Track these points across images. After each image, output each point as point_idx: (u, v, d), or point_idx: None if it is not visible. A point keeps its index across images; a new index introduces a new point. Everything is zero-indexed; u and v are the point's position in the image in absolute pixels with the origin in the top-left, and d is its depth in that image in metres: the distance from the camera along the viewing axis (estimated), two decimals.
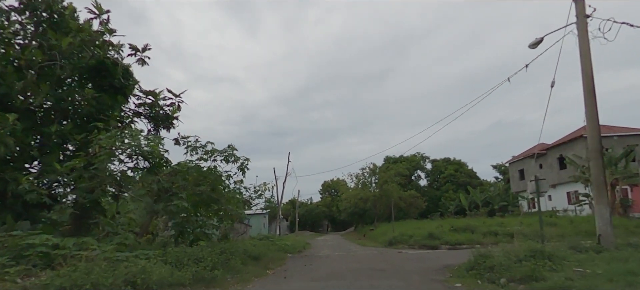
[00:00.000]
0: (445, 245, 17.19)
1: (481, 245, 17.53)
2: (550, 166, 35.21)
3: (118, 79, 13.12)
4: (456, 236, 18.01)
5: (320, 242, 27.81)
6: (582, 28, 10.63)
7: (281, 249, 16.40)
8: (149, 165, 10.30)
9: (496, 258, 7.59)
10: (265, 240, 18.37)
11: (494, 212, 37.25)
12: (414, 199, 36.32)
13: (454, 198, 45.29)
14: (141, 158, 10.40)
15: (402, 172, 39.30)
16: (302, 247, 19.37)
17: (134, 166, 10.44)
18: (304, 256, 15.12)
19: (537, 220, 22.76)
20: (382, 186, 32.34)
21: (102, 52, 12.72)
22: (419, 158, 54.95)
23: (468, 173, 50.34)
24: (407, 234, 19.83)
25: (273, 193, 20.06)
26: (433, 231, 18.74)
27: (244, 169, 11.96)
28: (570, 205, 31.32)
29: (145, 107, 14.33)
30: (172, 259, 7.96)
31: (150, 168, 10.30)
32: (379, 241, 22.96)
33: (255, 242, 16.48)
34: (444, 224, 21.78)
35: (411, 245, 18.30)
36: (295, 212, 43.76)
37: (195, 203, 11.86)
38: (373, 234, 28.88)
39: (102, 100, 12.71)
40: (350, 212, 41.44)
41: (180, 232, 12.34)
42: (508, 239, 17.81)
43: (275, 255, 13.21)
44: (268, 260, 11.83)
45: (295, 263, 12.27)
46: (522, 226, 18.97)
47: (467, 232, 18.86)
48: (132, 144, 9.36)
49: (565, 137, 33.74)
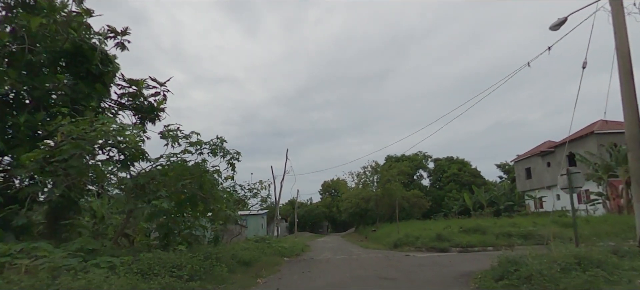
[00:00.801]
0: (456, 248, 15.90)
1: (494, 248, 16.29)
2: (559, 164, 33.80)
3: (96, 65, 11.83)
4: (466, 238, 16.72)
5: (320, 244, 26.49)
6: (617, 2, 9.37)
7: (277, 253, 15.09)
8: (124, 158, 8.98)
9: (532, 265, 6.28)
10: (261, 243, 17.06)
11: (499, 212, 35.94)
12: (418, 198, 34.98)
13: (458, 198, 44.00)
14: (115, 150, 9.10)
15: (405, 170, 37.94)
16: (300, 250, 18.06)
17: (108, 159, 9.13)
18: (302, 260, 13.81)
19: (551, 220, 21.53)
20: (384, 185, 30.98)
21: (76, 34, 11.42)
22: (421, 157, 53.62)
23: (472, 172, 49.01)
24: (413, 235, 18.53)
25: (270, 192, 18.71)
26: (441, 232, 17.44)
27: (233, 164, 10.64)
28: (581, 205, 30.02)
29: (128, 98, 13.08)
30: (145, 266, 6.67)
31: (125, 161, 8.98)
32: (382, 243, 21.65)
33: (249, 244, 15.17)
34: (451, 224, 20.49)
35: (418, 247, 16.99)
36: (294, 212, 42.43)
37: (180, 202, 10.57)
38: (375, 236, 27.56)
39: (78, 89, 11.43)
40: (351, 212, 40.08)
41: (165, 234, 11.09)
42: (522, 240, 16.55)
43: (270, 260, 11.89)
44: (261, 266, 10.51)
45: (292, 269, 10.96)
46: (537, 227, 17.68)
47: (478, 234, 17.58)
48: (102, 132, 8.04)
49: (575, 134, 32.40)
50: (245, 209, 19.78)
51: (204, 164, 10.49)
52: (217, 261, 8.54)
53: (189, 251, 8.83)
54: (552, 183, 34.80)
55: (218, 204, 10.64)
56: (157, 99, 13.37)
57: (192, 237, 12.41)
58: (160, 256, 7.31)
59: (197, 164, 10.34)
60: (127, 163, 8.98)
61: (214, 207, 10.60)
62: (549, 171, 35.29)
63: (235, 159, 10.66)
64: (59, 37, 11.27)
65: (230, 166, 10.75)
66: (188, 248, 10.85)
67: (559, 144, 34.20)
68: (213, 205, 10.69)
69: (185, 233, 12.19)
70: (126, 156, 8.97)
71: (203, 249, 9.57)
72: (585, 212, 27.39)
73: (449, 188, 47.57)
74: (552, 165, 35.01)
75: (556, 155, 34.32)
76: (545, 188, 35.41)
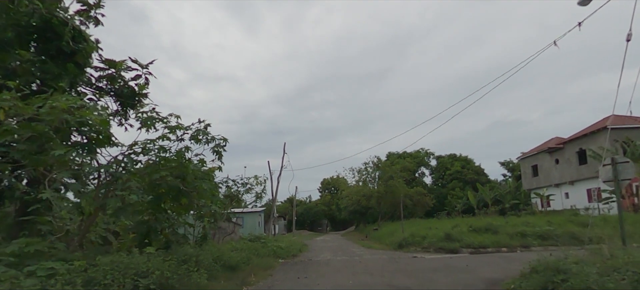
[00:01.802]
0: (467, 249, 14.56)
1: (509, 249, 14.98)
2: (568, 161, 32.56)
3: (66, 42, 10.44)
4: (477, 238, 15.38)
5: (319, 243, 25.16)
6: None
7: (272, 253, 13.76)
8: (88, 143, 7.62)
9: (586, 275, 4.93)
10: (256, 242, 15.71)
11: (505, 211, 34.60)
12: (421, 196, 33.61)
13: (461, 196, 42.71)
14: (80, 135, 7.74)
15: (408, 166, 36.57)
16: (297, 250, 16.72)
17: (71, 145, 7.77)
18: (299, 262, 12.47)
19: (566, 219, 20.21)
20: (387, 182, 29.62)
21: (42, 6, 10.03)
22: (423, 154, 52.32)
23: (475, 170, 47.69)
24: (419, 234, 17.20)
25: (265, 187, 17.35)
26: (450, 232, 16.09)
27: (220, 152, 9.29)
28: (592, 203, 28.71)
29: (107, 82, 11.70)
30: (99, 274, 5.33)
31: (89, 146, 7.61)
32: (385, 243, 20.33)
33: (242, 244, 13.79)
34: (459, 223, 19.15)
35: (425, 248, 15.67)
36: (293, 210, 41.10)
37: (159, 196, 9.23)
38: (377, 234, 26.23)
39: (47, 69, 10.05)
40: (351, 210, 38.74)
41: (145, 234, 9.76)
42: (539, 240, 15.23)
43: (262, 263, 10.54)
44: (251, 270, 9.17)
45: (287, 273, 9.62)
46: (553, 226, 16.35)
47: (489, 233, 16.24)
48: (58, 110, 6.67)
49: (585, 129, 31.08)
50: (241, 206, 18.46)
51: (186, 152, 9.16)
52: (197, 265, 7.21)
53: (168, 253, 7.50)
54: (560, 180, 33.51)
55: (202, 199, 9.30)
56: (138, 83, 12.01)
57: (176, 237, 11.10)
58: (123, 260, 5.96)
59: (180, 151, 9.01)
60: (91, 148, 7.61)
61: (198, 202, 9.26)
62: (557, 168, 33.96)
63: (222, 147, 9.31)
64: (23, 9, 9.90)
65: (217, 155, 9.40)
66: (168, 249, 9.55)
67: (568, 140, 32.87)
68: (197, 199, 9.36)
69: (168, 232, 10.90)
70: (91, 141, 7.61)
71: (184, 250, 8.22)
72: (595, 211, 26.06)
73: (452, 186, 46.26)
74: (560, 162, 33.68)
75: (565, 151, 32.99)
76: (553, 186, 34.10)
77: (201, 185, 9.01)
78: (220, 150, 9.32)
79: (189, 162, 8.84)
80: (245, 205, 36.73)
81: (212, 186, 9.23)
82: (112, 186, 7.62)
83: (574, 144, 31.85)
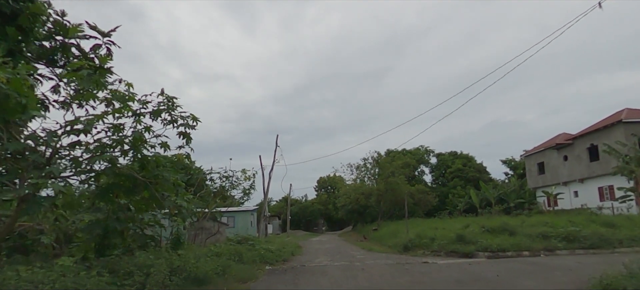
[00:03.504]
0: (483, 252, 12.70)
1: (531, 253, 13.13)
2: (578, 158, 30.85)
3: (5, 1, 8.43)
4: (493, 240, 13.52)
5: (314, 245, 23.22)
6: None
7: (259, 258, 11.82)
8: None
9: None
10: (243, 245, 13.74)
11: (509, 210, 32.87)
12: (423, 194, 31.75)
13: (463, 195, 41.01)
14: None
15: (410, 162, 34.70)
16: (290, 253, 14.78)
17: None
18: (289, 270, 10.53)
19: (586, 218, 18.42)
20: (387, 179, 27.71)
21: None
22: (423, 151, 50.56)
23: (477, 168, 45.97)
24: (427, 236, 15.32)
25: (253, 183, 15.42)
26: (462, 233, 14.23)
27: (187, 134, 7.33)
28: (605, 202, 27.03)
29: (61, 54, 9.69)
30: None
31: None
32: (387, 244, 18.44)
33: (225, 247, 11.79)
34: (471, 223, 17.31)
35: (435, 251, 13.79)
36: (287, 209, 39.12)
37: (109, 188, 7.29)
38: (377, 235, 24.33)
39: None
40: (348, 209, 36.81)
41: (103, 235, 7.85)
42: (564, 243, 13.39)
43: (242, 271, 8.56)
44: (225, 282, 7.21)
45: (271, 285, 7.67)
46: (578, 227, 14.51)
47: (505, 234, 14.39)
48: None
49: (598, 124, 29.38)
50: (227, 203, 16.46)
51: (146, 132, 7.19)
52: (147, 278, 5.26)
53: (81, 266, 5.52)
54: (569, 178, 31.81)
55: (165, 192, 7.36)
56: (98, 54, 10.00)
57: (141, 239, 9.15)
58: (20, 275, 4.00)
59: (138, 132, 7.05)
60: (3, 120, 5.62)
61: (161, 194, 7.31)
62: (566, 165, 32.26)
63: (191, 127, 7.34)
64: None
65: (184, 138, 7.44)
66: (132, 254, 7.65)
67: (577, 135, 31.18)
68: (159, 192, 7.41)
69: (132, 233, 8.96)
70: None
71: (128, 261, 6.26)
72: (609, 210, 24.34)
73: (453, 184, 44.53)
74: (569, 158, 31.97)
75: (575, 147, 31.28)
76: (561, 184, 32.39)
77: (162, 173, 7.07)
78: (188, 132, 7.35)
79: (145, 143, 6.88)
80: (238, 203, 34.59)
81: (175, 176, 7.26)
82: (36, 172, 5.64)
83: (584, 140, 30.16)
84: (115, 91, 6.68)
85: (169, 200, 7.23)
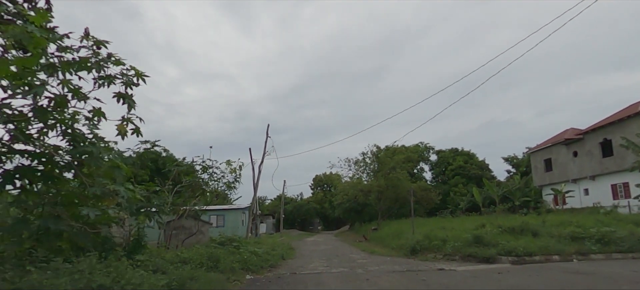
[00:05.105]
0: (507, 257, 10.77)
1: (561, 258, 11.19)
2: (589, 153, 29.09)
3: None
4: (515, 242, 11.61)
5: (309, 246, 21.21)
6: None
7: (241, 264, 9.78)
8: None
9: None
10: (226, 247, 11.71)
11: (515, 209, 31.11)
12: (425, 191, 29.84)
13: (465, 193, 39.24)
14: None
15: (412, 156, 32.78)
16: (280, 257, 12.74)
17: None
18: (275, 280, 8.51)
19: (613, 217, 16.62)
20: (388, 174, 25.75)
21: None
22: (423, 148, 48.72)
23: (479, 165, 44.24)
24: (437, 237, 13.37)
25: (239, 175, 13.34)
26: (479, 234, 12.30)
27: (127, 96, 5.28)
28: (620, 200, 25.27)
29: None
30: None
31: None
32: (389, 246, 16.49)
33: (204, 249, 9.72)
34: (485, 222, 15.37)
35: (448, 255, 11.85)
36: (280, 207, 37.05)
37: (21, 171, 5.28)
38: (377, 235, 22.37)
39: None
40: (346, 208, 34.85)
41: (30, 238, 5.84)
42: (599, 246, 11.49)
43: (211, 283, 6.53)
44: None
45: None
46: (616, 228, 12.61)
47: (528, 236, 12.51)
48: None
49: (612, 116, 27.62)
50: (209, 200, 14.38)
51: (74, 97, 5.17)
52: None
53: None
54: (579, 175, 30.04)
55: (98, 175, 5.32)
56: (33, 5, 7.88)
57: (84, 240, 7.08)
58: None
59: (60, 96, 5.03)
60: None
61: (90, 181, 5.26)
62: (576, 162, 30.51)
63: (133, 84, 5.28)
64: None
65: (124, 100, 5.38)
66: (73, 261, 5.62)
67: (588, 130, 29.42)
68: (91, 178, 5.38)
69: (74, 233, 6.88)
70: None
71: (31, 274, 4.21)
72: (626, 209, 22.58)
73: (454, 182, 42.73)
74: (579, 154, 30.21)
75: (585, 142, 29.53)
76: (570, 181, 30.63)
77: (90, 149, 5.02)
78: (130, 94, 5.28)
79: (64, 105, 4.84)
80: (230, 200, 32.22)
81: (109, 154, 5.21)
82: None
83: (596, 134, 28.41)
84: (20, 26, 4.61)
85: (98, 186, 5.16)
